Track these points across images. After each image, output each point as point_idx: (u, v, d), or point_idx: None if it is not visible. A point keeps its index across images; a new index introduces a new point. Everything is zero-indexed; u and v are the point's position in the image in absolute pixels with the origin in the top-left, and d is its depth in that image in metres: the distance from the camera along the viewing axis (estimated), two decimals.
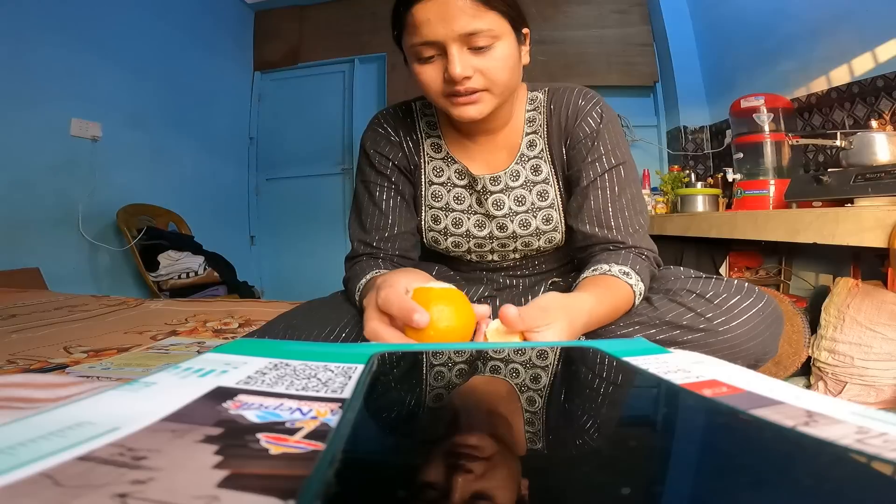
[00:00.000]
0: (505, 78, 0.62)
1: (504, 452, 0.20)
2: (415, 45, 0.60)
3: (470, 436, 0.21)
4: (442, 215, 0.76)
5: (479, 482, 0.16)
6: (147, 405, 0.21)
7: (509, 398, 0.27)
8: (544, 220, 0.74)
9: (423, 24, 0.58)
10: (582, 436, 0.22)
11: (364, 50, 3.09)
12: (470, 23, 0.57)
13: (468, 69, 0.59)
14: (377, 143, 0.76)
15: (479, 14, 0.57)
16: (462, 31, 0.57)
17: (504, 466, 0.18)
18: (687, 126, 2.54)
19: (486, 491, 0.15)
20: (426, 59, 0.61)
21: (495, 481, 0.16)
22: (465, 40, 0.58)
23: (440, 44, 0.59)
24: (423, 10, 0.57)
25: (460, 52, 0.59)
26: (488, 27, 0.58)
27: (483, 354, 0.35)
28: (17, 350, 0.94)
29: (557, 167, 0.73)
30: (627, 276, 0.62)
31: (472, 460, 0.18)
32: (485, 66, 0.60)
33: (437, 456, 0.18)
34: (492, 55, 0.60)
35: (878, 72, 1.55)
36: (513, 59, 0.62)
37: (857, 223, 1.01)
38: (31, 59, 1.98)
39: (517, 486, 0.16)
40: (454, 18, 0.57)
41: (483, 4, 0.57)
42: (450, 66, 0.59)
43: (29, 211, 1.97)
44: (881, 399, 1.01)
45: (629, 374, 0.30)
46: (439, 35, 0.58)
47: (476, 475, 0.16)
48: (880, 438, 0.18)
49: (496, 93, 0.63)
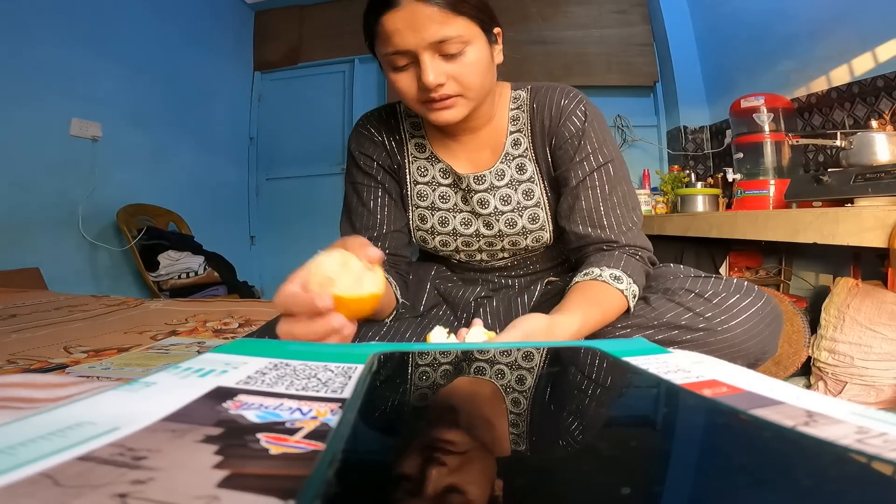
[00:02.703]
0: (478, 82, 0.62)
1: (502, 453, 0.20)
2: (387, 54, 0.60)
3: (468, 436, 0.21)
4: (428, 214, 0.76)
5: (478, 482, 0.16)
6: (147, 405, 0.21)
7: (509, 398, 0.27)
8: (530, 219, 0.74)
9: (393, 34, 0.58)
10: (582, 436, 0.22)
11: (364, 50, 3.03)
12: (439, 30, 0.57)
13: (441, 76, 0.60)
14: (361, 144, 0.76)
15: (447, 21, 0.58)
16: (432, 40, 0.58)
17: (502, 467, 0.18)
18: (687, 126, 2.54)
19: (484, 491, 0.15)
20: (400, 67, 0.61)
21: (493, 481, 0.16)
22: (436, 47, 0.59)
23: (412, 52, 0.59)
24: (391, 20, 0.58)
25: (432, 60, 0.59)
26: (458, 33, 0.58)
27: (483, 355, 0.34)
28: (17, 350, 0.94)
29: (542, 166, 0.73)
30: (618, 282, 0.61)
31: (472, 460, 0.18)
32: (457, 71, 0.60)
33: (437, 456, 0.18)
34: (463, 60, 0.60)
35: (878, 72, 1.55)
36: (485, 62, 0.63)
37: (857, 223, 1.01)
38: (31, 59, 1.97)
39: (516, 485, 0.16)
40: (423, 27, 0.57)
41: (451, 11, 0.58)
42: (423, 75, 0.59)
43: (29, 211, 1.97)
44: (881, 399, 1.01)
45: (629, 374, 0.30)
46: (410, 44, 0.58)
47: (476, 475, 0.16)
48: (880, 438, 0.18)
49: (470, 97, 0.63)
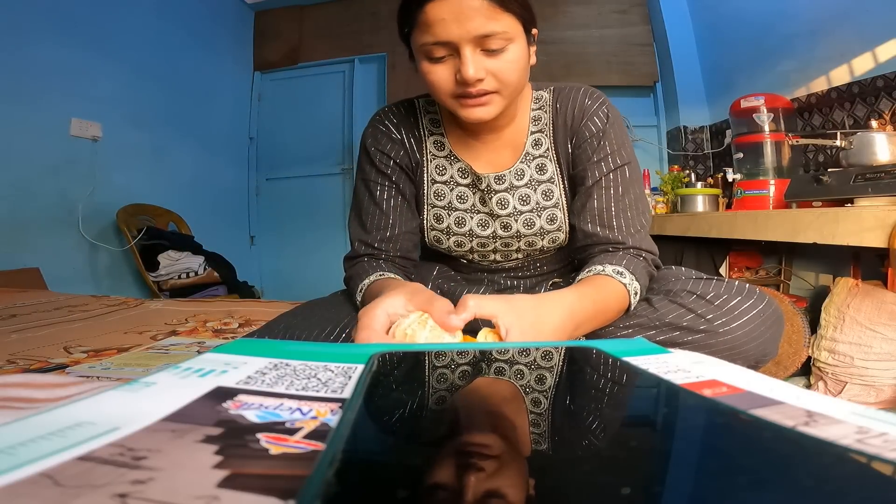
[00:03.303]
0: (516, 80, 0.61)
1: (504, 452, 0.20)
2: (426, 44, 0.58)
3: (469, 436, 0.21)
4: (444, 214, 0.75)
5: (478, 482, 0.16)
6: (147, 405, 0.21)
7: (509, 398, 0.27)
8: (549, 219, 0.73)
9: (436, 24, 0.56)
10: (582, 436, 0.22)
11: (364, 50, 3.09)
12: (485, 24, 0.56)
13: (481, 71, 0.58)
14: (378, 140, 0.74)
15: (494, 16, 0.56)
16: (477, 33, 0.56)
17: (504, 466, 0.18)
18: (687, 126, 2.54)
19: (486, 491, 0.15)
20: (437, 58, 0.59)
21: (495, 481, 0.16)
22: (479, 42, 0.57)
23: (453, 44, 0.57)
24: (437, 8, 0.56)
25: (473, 54, 0.57)
26: (503, 29, 0.57)
27: (483, 355, 0.34)
28: (17, 350, 0.94)
29: (563, 166, 0.73)
30: (621, 276, 0.61)
31: (472, 460, 0.18)
32: (497, 68, 0.59)
33: (437, 456, 0.18)
34: (504, 57, 0.59)
35: (878, 72, 1.55)
36: (524, 61, 0.62)
37: (857, 223, 1.01)
38: (32, 59, 1.97)
39: (518, 486, 0.16)
40: (469, 19, 0.55)
41: (499, 6, 0.56)
42: (463, 68, 0.57)
43: (29, 211, 1.97)
44: (881, 399, 1.01)
45: (629, 374, 0.30)
46: (453, 35, 0.56)
47: (476, 475, 0.16)
48: (880, 438, 0.18)
49: (506, 95, 0.62)
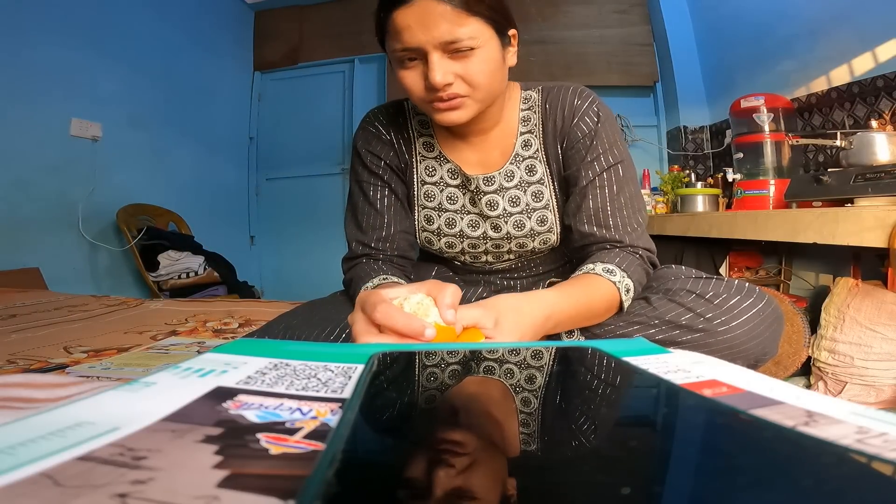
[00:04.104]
0: (486, 83, 0.61)
1: (503, 452, 0.20)
2: (396, 50, 0.59)
3: (468, 436, 0.21)
4: (435, 215, 0.75)
5: (478, 482, 0.16)
6: (147, 405, 0.21)
7: (508, 398, 0.27)
8: (539, 221, 0.73)
9: (404, 30, 0.57)
10: (582, 436, 0.22)
11: (364, 50, 3.08)
12: (451, 30, 0.56)
13: (448, 76, 0.59)
14: (368, 142, 0.75)
15: (460, 21, 0.56)
16: (442, 39, 0.56)
17: (503, 467, 0.18)
18: (687, 126, 2.54)
19: (485, 491, 0.15)
20: (408, 64, 0.60)
21: (494, 481, 0.16)
22: (446, 47, 0.57)
23: (421, 50, 0.58)
24: (403, 15, 0.56)
25: (441, 59, 0.58)
26: (470, 34, 0.57)
27: (483, 355, 0.34)
28: (17, 350, 0.94)
29: (553, 167, 0.72)
30: (611, 274, 0.61)
31: (472, 460, 0.18)
32: (466, 71, 0.59)
33: (437, 456, 0.18)
34: (473, 61, 0.59)
35: (878, 72, 1.55)
36: (495, 64, 0.61)
37: (857, 223, 1.01)
38: (31, 59, 1.98)
39: (516, 486, 0.16)
40: (435, 25, 0.56)
41: (465, 11, 0.56)
42: (430, 74, 0.58)
43: (29, 211, 1.97)
44: (881, 399, 1.01)
45: (629, 374, 0.30)
46: (420, 41, 0.57)
47: (475, 475, 0.16)
48: (880, 438, 0.18)
49: (478, 98, 0.62)
